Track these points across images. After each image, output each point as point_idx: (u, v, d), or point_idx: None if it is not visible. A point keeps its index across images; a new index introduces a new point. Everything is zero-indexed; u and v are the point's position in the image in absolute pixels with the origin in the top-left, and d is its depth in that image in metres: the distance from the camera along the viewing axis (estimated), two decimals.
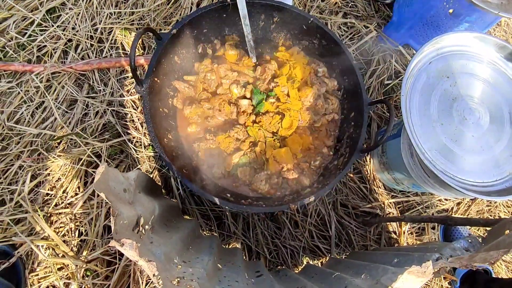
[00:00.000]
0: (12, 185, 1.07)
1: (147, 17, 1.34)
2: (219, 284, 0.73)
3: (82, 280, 0.99)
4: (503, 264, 1.25)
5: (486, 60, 0.96)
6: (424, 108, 0.91)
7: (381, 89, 1.35)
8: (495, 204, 1.32)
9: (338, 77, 1.07)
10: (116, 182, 0.64)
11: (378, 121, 1.30)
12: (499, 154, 0.90)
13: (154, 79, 0.86)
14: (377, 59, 1.39)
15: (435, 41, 0.92)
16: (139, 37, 0.70)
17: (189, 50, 1.01)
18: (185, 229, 0.88)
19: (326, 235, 1.18)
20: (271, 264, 1.14)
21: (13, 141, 1.12)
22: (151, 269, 0.47)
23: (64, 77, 1.22)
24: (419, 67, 0.94)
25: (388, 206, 1.22)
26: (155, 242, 0.66)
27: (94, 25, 1.30)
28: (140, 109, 1.21)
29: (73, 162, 1.10)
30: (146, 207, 0.71)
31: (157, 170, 1.16)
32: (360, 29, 1.44)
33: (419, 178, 0.98)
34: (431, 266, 0.51)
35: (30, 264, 1.02)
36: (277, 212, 1.16)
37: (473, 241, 0.73)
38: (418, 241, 1.23)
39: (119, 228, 0.53)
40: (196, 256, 0.79)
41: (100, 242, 1.03)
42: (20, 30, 1.27)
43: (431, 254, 0.69)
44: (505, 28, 1.62)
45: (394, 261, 0.80)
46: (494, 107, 0.93)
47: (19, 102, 1.17)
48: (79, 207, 1.06)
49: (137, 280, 0.97)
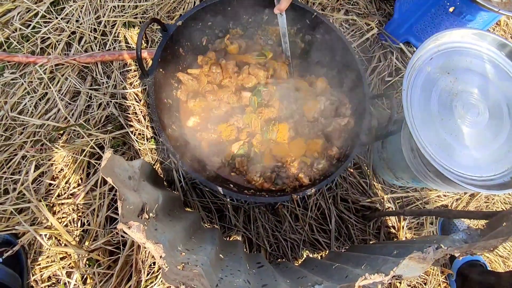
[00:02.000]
0: (15, 175, 1.08)
1: (151, 11, 1.34)
2: (222, 273, 0.74)
3: (85, 270, 1.00)
4: (499, 259, 1.27)
5: (487, 57, 0.97)
6: (425, 103, 0.92)
7: (382, 86, 1.36)
8: (493, 200, 1.33)
9: (340, 72, 1.08)
10: (121, 169, 0.65)
11: (379, 117, 1.31)
12: (498, 149, 0.92)
13: (159, 70, 0.87)
14: (378, 56, 1.40)
15: (436, 37, 0.94)
16: (145, 27, 0.71)
17: (193, 42, 1.02)
18: (188, 220, 0.89)
19: (326, 229, 1.19)
20: (272, 257, 1.15)
21: (16, 131, 1.13)
22: (158, 251, 0.48)
23: (67, 69, 1.22)
24: (420, 62, 0.95)
25: (387, 201, 1.24)
26: (159, 230, 0.67)
27: (98, 18, 1.31)
28: (142, 102, 1.22)
29: (76, 153, 1.11)
30: (150, 195, 0.72)
31: (159, 162, 1.16)
32: (361, 26, 1.45)
33: (419, 172, 0.99)
34: (432, 252, 0.52)
35: (32, 254, 1.02)
36: (278, 205, 1.17)
37: (472, 233, 0.74)
38: (416, 235, 1.25)
39: (125, 212, 0.54)
40: (199, 245, 0.80)
41: (103, 232, 1.04)
42: (24, 22, 1.27)
43: (430, 245, 0.71)
44: (504, 27, 1.64)
45: (394, 252, 0.81)
46: (493, 104, 0.94)
47: (23, 93, 1.18)
48: (81, 198, 1.07)
49: (139, 269, 0.98)
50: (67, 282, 1.00)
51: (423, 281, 1.20)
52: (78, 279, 1.00)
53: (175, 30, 0.89)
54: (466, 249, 0.55)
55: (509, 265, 1.27)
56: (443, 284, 1.20)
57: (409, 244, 0.80)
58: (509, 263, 1.27)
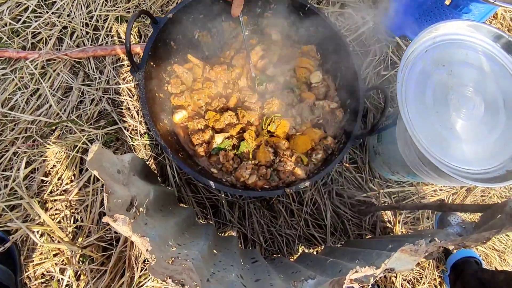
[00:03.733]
0: (6, 171, 1.07)
1: (143, 5, 1.33)
2: (214, 267, 0.74)
3: (78, 266, 0.99)
4: (495, 254, 1.27)
5: (482, 49, 0.96)
6: (420, 96, 0.91)
7: (377, 79, 1.35)
8: (490, 194, 1.33)
9: (334, 65, 1.07)
10: (110, 163, 0.64)
11: (374, 112, 1.31)
12: (493, 143, 0.91)
13: (150, 63, 0.85)
14: (373, 50, 1.39)
15: (431, 29, 0.92)
16: (134, 19, 0.70)
17: (185, 36, 1.00)
18: (181, 215, 0.88)
19: (321, 224, 1.19)
20: (267, 253, 1.14)
21: (7, 127, 1.11)
22: (145, 244, 0.47)
23: (59, 65, 1.21)
24: (415, 55, 0.94)
25: (383, 196, 1.23)
26: (150, 224, 0.66)
27: (90, 12, 1.29)
28: (136, 97, 1.20)
29: (69, 149, 1.09)
30: (141, 190, 0.71)
31: (152, 158, 1.15)
32: (357, 20, 1.43)
33: (414, 166, 0.99)
34: (424, 244, 0.51)
35: (25, 251, 1.02)
36: (273, 201, 1.16)
37: (467, 227, 0.74)
38: (412, 230, 1.24)
39: (112, 206, 0.53)
40: (191, 240, 0.79)
41: (96, 228, 1.03)
42: (14, 16, 1.26)
43: (425, 238, 0.70)
44: (501, 21, 1.62)
45: (389, 246, 0.81)
46: (489, 96, 0.93)
47: (14, 88, 1.16)
48: (74, 194, 1.06)
49: (132, 265, 0.97)
50: (60, 279, 0.99)
51: (419, 275, 1.20)
52: (71, 276, 0.99)
53: (166, 23, 0.88)
54: (459, 242, 0.55)
55: (504, 259, 1.27)
56: (438, 279, 1.20)
57: (404, 239, 0.79)
58: (505, 257, 1.27)
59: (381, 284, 1.17)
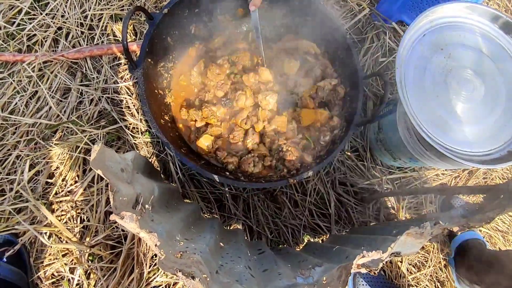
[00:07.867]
0: (11, 175, 1.07)
1: (137, 2, 1.31)
2: (222, 260, 0.74)
3: (88, 265, 1.00)
4: (499, 234, 1.28)
5: (480, 30, 0.96)
6: (419, 81, 0.91)
7: (375, 66, 1.34)
8: (491, 176, 1.33)
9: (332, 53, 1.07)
10: (113, 161, 0.64)
11: (374, 99, 1.30)
12: (494, 124, 0.91)
13: (148, 60, 0.85)
14: (370, 37, 1.38)
15: (428, 12, 0.92)
16: (130, 15, 0.70)
17: (181, 31, 1.00)
18: (186, 210, 0.89)
19: (326, 213, 1.20)
20: (273, 243, 1.16)
21: (8, 131, 1.12)
22: (153, 240, 0.48)
23: (56, 66, 1.20)
24: (413, 39, 0.93)
25: (385, 182, 1.24)
26: (156, 220, 0.67)
27: (84, 12, 1.28)
28: (135, 95, 1.20)
29: (71, 150, 1.10)
30: (145, 187, 0.71)
31: (155, 155, 1.16)
32: (353, 7, 1.42)
33: (416, 151, 0.99)
34: (429, 227, 0.52)
35: (34, 252, 1.03)
36: (277, 192, 1.17)
37: (470, 208, 0.74)
38: (416, 215, 1.25)
39: (118, 204, 0.53)
40: (198, 234, 0.80)
41: (103, 227, 1.04)
42: (8, 20, 1.25)
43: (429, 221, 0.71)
44: (498, 1, 1.61)
45: (393, 232, 0.82)
46: (488, 78, 0.93)
47: (12, 92, 1.16)
48: (79, 195, 1.07)
49: (141, 262, 0.99)
50: (70, 278, 1.01)
51: (424, 259, 1.21)
52: (81, 275, 1.00)
53: (162, 19, 0.87)
54: (464, 223, 0.55)
55: (508, 239, 1.28)
56: (443, 262, 1.21)
57: (408, 223, 0.80)
58: (508, 237, 1.28)
59: (387, 269, 1.18)
